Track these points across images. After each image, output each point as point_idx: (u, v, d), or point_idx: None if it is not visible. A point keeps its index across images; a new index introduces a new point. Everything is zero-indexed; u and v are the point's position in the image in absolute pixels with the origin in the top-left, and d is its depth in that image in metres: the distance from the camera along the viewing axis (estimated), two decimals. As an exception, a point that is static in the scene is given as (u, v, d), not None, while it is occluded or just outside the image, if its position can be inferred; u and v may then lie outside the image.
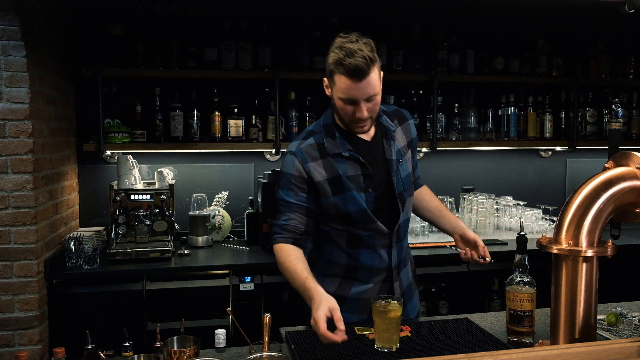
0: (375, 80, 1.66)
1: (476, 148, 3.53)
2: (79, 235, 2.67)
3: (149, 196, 2.86)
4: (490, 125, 3.51)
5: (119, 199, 2.80)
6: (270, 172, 2.98)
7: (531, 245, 1.52)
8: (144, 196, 2.86)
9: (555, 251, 1.38)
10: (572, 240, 1.36)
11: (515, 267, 1.63)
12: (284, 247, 1.76)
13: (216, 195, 3.29)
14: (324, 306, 1.49)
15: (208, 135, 3.14)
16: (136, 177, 2.97)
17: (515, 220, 3.28)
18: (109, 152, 3.10)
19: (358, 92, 1.65)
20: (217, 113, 3.12)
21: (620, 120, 1.63)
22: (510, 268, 1.64)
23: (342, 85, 1.65)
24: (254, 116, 3.16)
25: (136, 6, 2.97)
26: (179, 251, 2.88)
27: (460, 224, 1.97)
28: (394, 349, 1.55)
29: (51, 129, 2.68)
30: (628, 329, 1.73)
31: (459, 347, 1.56)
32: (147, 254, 2.74)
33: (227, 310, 1.70)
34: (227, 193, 3.31)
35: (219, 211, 3.22)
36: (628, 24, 3.51)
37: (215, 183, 3.36)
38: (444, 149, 3.43)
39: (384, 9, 3.36)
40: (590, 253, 1.34)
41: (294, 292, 1.69)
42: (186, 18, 3.05)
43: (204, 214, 3.10)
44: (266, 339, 1.46)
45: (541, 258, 1.55)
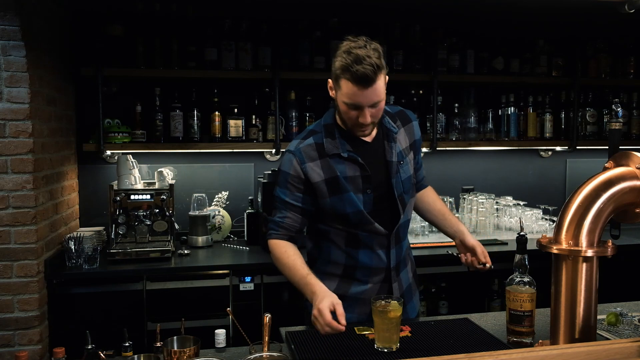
0: (380, 87, 1.66)
1: (476, 148, 3.53)
2: (79, 235, 2.67)
3: (149, 196, 2.86)
4: (490, 125, 3.51)
5: (119, 199, 2.80)
6: (270, 172, 2.98)
7: (531, 245, 1.53)
8: (144, 196, 2.86)
9: (555, 251, 1.38)
10: (572, 240, 1.36)
11: (515, 267, 1.63)
12: (280, 243, 1.81)
13: (216, 195, 3.29)
14: (327, 300, 1.55)
15: (208, 135, 3.14)
16: (136, 177, 2.97)
17: (515, 220, 3.28)
18: (109, 152, 3.11)
19: (363, 99, 1.65)
20: (217, 113, 3.12)
21: (620, 120, 1.64)
22: (510, 268, 1.64)
23: (348, 90, 1.65)
24: (254, 116, 3.16)
25: (136, 6, 2.97)
26: (179, 251, 2.88)
27: (461, 229, 1.96)
28: (394, 349, 1.55)
29: (51, 129, 2.68)
30: (628, 329, 1.73)
31: (459, 347, 1.56)
32: (147, 254, 2.74)
33: (227, 310, 1.70)
34: (227, 193, 3.31)
35: (219, 211, 3.22)
36: (628, 24, 3.51)
37: (215, 183, 3.36)
38: (444, 149, 3.43)
39: (384, 9, 3.36)
40: (590, 253, 1.34)
41: (294, 292, 1.70)
42: (186, 18, 3.05)
43: (204, 214, 3.10)
44: (266, 339, 1.46)
45: (541, 258, 1.55)
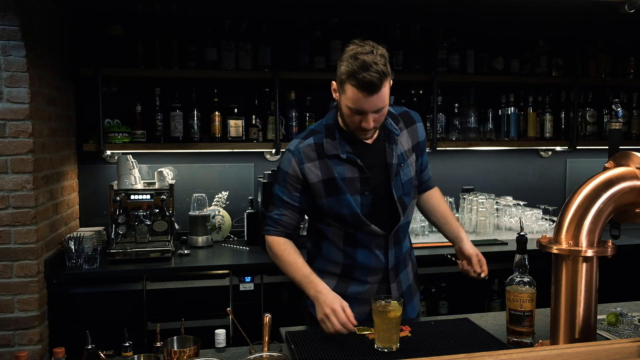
0: (385, 93, 1.66)
1: (476, 148, 3.53)
2: (79, 235, 2.67)
3: (149, 196, 2.86)
4: (490, 125, 3.51)
5: (119, 199, 2.80)
6: (270, 172, 2.98)
7: (531, 245, 1.52)
8: (144, 196, 2.86)
9: (555, 251, 1.38)
10: (572, 240, 1.36)
11: (515, 267, 1.63)
12: (279, 240, 1.84)
13: (216, 195, 3.29)
14: (337, 300, 1.63)
15: (208, 135, 3.14)
16: (136, 177, 2.97)
17: (515, 220, 3.27)
18: (109, 152, 3.10)
19: (367, 105, 1.65)
20: (217, 113, 3.12)
21: (620, 120, 1.64)
22: (510, 268, 1.64)
23: (353, 96, 1.64)
24: (254, 116, 3.16)
25: (136, 6, 2.97)
26: (179, 251, 2.88)
27: (460, 235, 1.95)
28: (394, 349, 1.55)
29: (51, 129, 2.68)
30: (628, 329, 1.73)
31: (459, 347, 1.56)
32: (147, 254, 2.74)
33: (227, 310, 1.70)
34: (227, 193, 3.31)
35: (219, 211, 3.22)
36: (628, 24, 3.51)
37: (215, 183, 3.36)
38: (444, 149, 3.43)
39: (384, 9, 3.36)
40: (590, 253, 1.34)
41: (294, 292, 1.70)
42: (186, 18, 3.05)
43: (204, 214, 3.10)
44: (266, 339, 1.46)
45: (541, 258, 1.55)
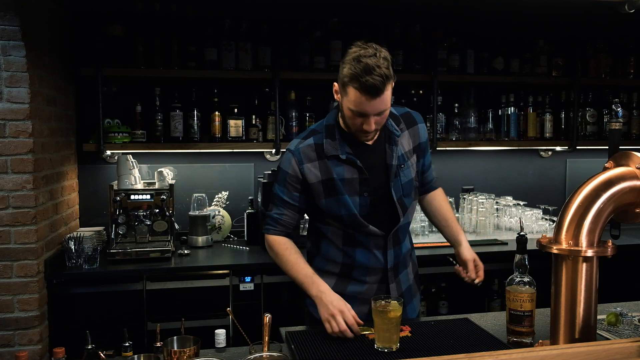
0: (388, 96, 1.66)
1: (476, 148, 3.53)
2: (79, 235, 2.67)
3: (149, 196, 2.86)
4: (490, 125, 3.51)
5: (119, 199, 2.80)
6: (270, 172, 2.98)
7: (531, 245, 1.52)
8: (144, 196, 2.86)
9: (555, 251, 1.38)
10: (572, 240, 1.36)
11: (515, 267, 1.63)
12: (280, 240, 1.85)
13: (216, 195, 3.29)
14: (342, 302, 1.67)
15: (208, 135, 3.14)
16: (136, 177, 2.97)
17: (515, 220, 3.27)
18: (109, 152, 3.10)
19: (370, 108, 1.65)
20: (217, 113, 3.12)
21: (620, 120, 1.64)
22: (510, 268, 1.64)
23: (355, 98, 1.64)
24: (254, 116, 3.16)
25: (136, 6, 2.97)
26: (179, 251, 2.88)
27: (459, 239, 1.94)
28: (394, 349, 1.55)
29: (51, 129, 2.67)
30: (628, 329, 1.73)
31: (459, 347, 1.56)
32: (147, 254, 2.74)
33: (227, 310, 1.70)
34: (227, 193, 3.31)
35: (219, 211, 3.22)
36: (628, 24, 3.51)
37: (215, 183, 3.36)
38: (444, 149, 3.43)
39: (384, 9, 3.36)
40: (590, 253, 1.34)
41: (294, 292, 1.70)
42: (186, 18, 3.05)
43: (204, 214, 3.10)
44: (266, 339, 1.46)
45: (541, 258, 1.55)
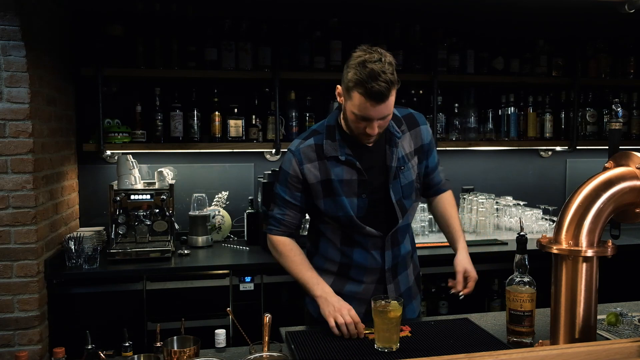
0: (392, 101, 1.66)
1: (476, 148, 3.53)
2: (79, 235, 2.67)
3: (149, 196, 2.86)
4: (490, 125, 3.51)
5: (119, 199, 2.80)
6: (270, 172, 2.98)
7: (531, 245, 1.52)
8: (144, 196, 2.86)
9: (555, 251, 1.37)
10: (572, 240, 1.36)
11: (515, 267, 1.63)
12: (284, 241, 1.87)
13: (216, 195, 3.29)
14: (346, 303, 1.70)
15: (208, 135, 3.14)
16: (136, 177, 2.97)
17: (515, 220, 3.27)
18: (109, 152, 3.10)
19: (374, 113, 1.65)
20: (217, 113, 3.12)
21: (620, 120, 1.64)
22: (510, 268, 1.64)
23: (359, 103, 1.64)
24: (254, 116, 3.16)
25: (136, 6, 2.96)
26: (179, 251, 2.88)
27: (457, 247, 1.93)
28: (394, 349, 1.55)
29: (51, 129, 2.67)
30: (628, 329, 1.73)
31: (459, 347, 1.56)
32: (147, 254, 2.74)
33: (227, 310, 1.70)
34: (227, 193, 3.31)
35: (219, 211, 3.22)
36: (628, 24, 3.50)
37: (215, 183, 3.36)
38: (444, 149, 3.42)
39: (384, 9, 3.36)
40: (590, 253, 1.34)
41: (294, 292, 1.70)
42: (186, 18, 3.05)
43: (204, 214, 3.09)
44: (266, 339, 1.46)
45: (541, 258, 1.55)
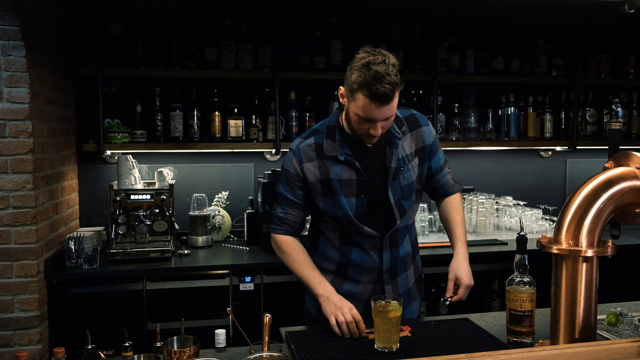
0: (395, 102, 1.66)
1: (476, 148, 3.53)
2: (79, 235, 2.67)
3: (149, 196, 2.86)
4: (490, 125, 3.51)
5: (119, 199, 2.80)
6: (270, 172, 2.98)
7: (531, 245, 1.52)
8: (144, 196, 2.86)
9: (555, 251, 1.37)
10: (572, 240, 1.36)
11: (515, 267, 1.63)
12: (287, 240, 1.88)
13: (216, 195, 3.29)
14: (348, 302, 1.70)
15: (208, 135, 3.14)
16: (136, 177, 2.97)
17: (515, 220, 3.27)
18: (109, 152, 3.10)
19: (378, 114, 1.65)
20: (217, 113, 3.12)
21: (620, 120, 1.64)
22: (510, 268, 1.64)
23: (364, 105, 1.64)
24: (254, 116, 3.16)
25: (136, 6, 2.96)
26: (179, 251, 2.88)
27: (456, 251, 1.91)
28: (394, 349, 1.55)
29: (51, 129, 2.67)
30: (628, 329, 1.73)
31: (459, 347, 1.56)
32: (147, 254, 2.74)
33: (227, 310, 1.70)
34: (227, 193, 3.31)
35: (219, 211, 3.22)
36: (628, 24, 3.50)
37: (215, 183, 3.36)
38: (444, 149, 3.36)
39: (384, 9, 3.36)
40: (590, 253, 1.34)
41: (294, 292, 1.71)
42: (186, 18, 3.05)
43: (204, 214, 3.09)
44: (266, 339, 1.46)
45: (541, 258, 1.55)
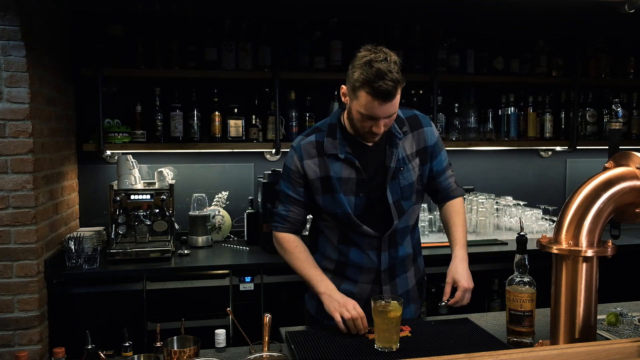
0: (397, 100, 1.67)
1: (476, 148, 3.53)
2: (79, 235, 2.67)
3: (149, 196, 2.86)
4: (490, 125, 3.50)
5: (119, 199, 2.80)
6: (270, 172, 2.98)
7: (531, 245, 1.52)
8: (144, 196, 2.86)
9: (555, 251, 1.37)
10: (572, 240, 1.36)
11: (515, 267, 1.63)
12: (289, 237, 1.88)
13: (216, 195, 3.29)
14: (350, 299, 1.70)
15: (208, 135, 3.14)
16: (136, 177, 2.97)
17: (515, 220, 3.27)
18: (109, 152, 3.10)
19: (380, 112, 1.65)
20: (217, 113, 3.12)
21: (620, 120, 1.64)
22: (510, 268, 1.64)
23: (366, 103, 1.64)
24: (254, 116, 3.16)
25: (136, 6, 2.96)
26: (179, 251, 2.88)
27: (454, 253, 1.89)
28: (394, 349, 1.55)
29: (51, 129, 2.67)
30: (628, 329, 1.73)
31: (459, 347, 1.56)
32: (147, 254, 2.74)
33: (227, 310, 1.70)
34: (227, 193, 3.31)
35: (219, 211, 3.22)
36: (628, 24, 3.50)
37: (215, 183, 3.36)
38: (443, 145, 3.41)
39: (384, 9, 3.36)
40: (590, 253, 1.34)
41: (294, 292, 1.71)
42: (186, 18, 3.05)
43: (204, 214, 3.09)
44: (266, 339, 1.46)
45: (541, 258, 1.55)
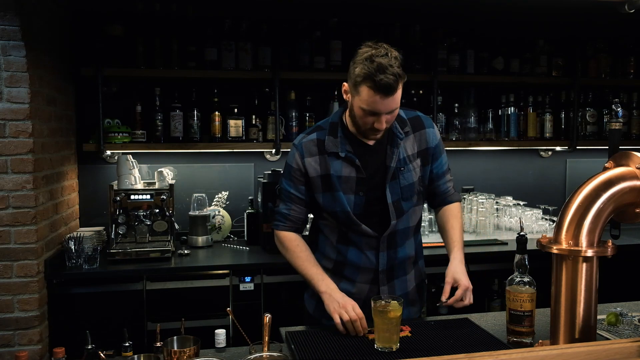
0: (399, 95, 1.67)
1: (476, 148, 3.53)
2: (79, 235, 2.67)
3: (149, 196, 2.86)
4: (490, 125, 3.51)
5: (119, 199, 2.80)
6: (270, 172, 2.98)
7: (531, 245, 1.53)
8: (144, 196, 2.86)
9: (555, 251, 1.38)
10: (572, 240, 1.36)
11: (515, 267, 1.63)
12: (290, 236, 1.88)
13: (216, 195, 3.29)
14: (350, 299, 1.70)
15: (208, 135, 3.14)
16: (136, 177, 2.97)
17: (515, 220, 3.27)
18: (109, 152, 3.10)
19: (382, 107, 1.66)
20: (217, 113, 3.12)
21: (620, 120, 1.64)
22: (510, 268, 1.64)
23: (368, 98, 1.65)
24: (254, 116, 3.16)
25: (136, 6, 2.96)
26: (179, 251, 2.88)
27: (452, 255, 1.87)
28: (394, 349, 1.55)
29: (51, 129, 2.67)
30: (628, 329, 1.73)
31: (459, 347, 1.56)
32: (147, 254, 2.74)
33: (227, 310, 1.70)
34: (227, 193, 3.31)
35: (219, 211, 3.22)
36: (628, 24, 3.50)
37: (215, 183, 3.36)
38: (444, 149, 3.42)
39: (384, 9, 3.36)
40: (590, 253, 1.34)
41: (294, 292, 1.70)
42: (186, 18, 3.05)
43: (204, 214, 3.10)
44: (266, 339, 1.46)
45: (541, 258, 1.55)
